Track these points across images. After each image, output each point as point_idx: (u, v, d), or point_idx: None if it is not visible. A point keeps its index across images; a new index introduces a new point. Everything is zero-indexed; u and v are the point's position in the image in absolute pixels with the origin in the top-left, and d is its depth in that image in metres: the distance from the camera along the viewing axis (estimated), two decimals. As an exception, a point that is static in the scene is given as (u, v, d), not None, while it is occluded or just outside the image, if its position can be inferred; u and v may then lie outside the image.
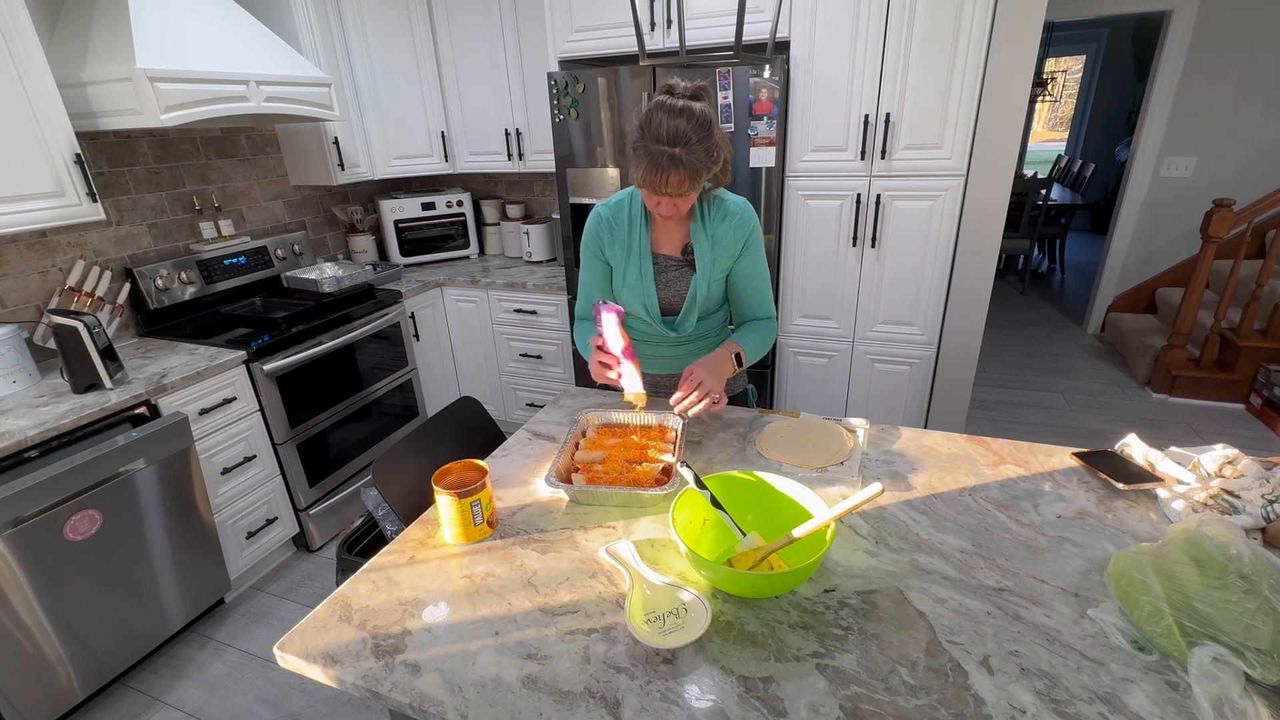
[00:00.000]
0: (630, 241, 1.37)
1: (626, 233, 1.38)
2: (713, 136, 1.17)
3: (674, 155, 1.14)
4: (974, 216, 2.27)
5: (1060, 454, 1.24)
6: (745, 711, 0.74)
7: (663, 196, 1.20)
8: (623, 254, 1.39)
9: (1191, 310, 3.25)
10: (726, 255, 1.37)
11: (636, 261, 1.37)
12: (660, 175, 1.15)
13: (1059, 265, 6.07)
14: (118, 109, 1.87)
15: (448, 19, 2.84)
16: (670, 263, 1.41)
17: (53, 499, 1.58)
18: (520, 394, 3.12)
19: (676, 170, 1.15)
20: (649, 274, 1.38)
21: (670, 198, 1.21)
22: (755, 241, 1.39)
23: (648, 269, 1.37)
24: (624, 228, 1.38)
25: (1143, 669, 0.77)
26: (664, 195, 1.20)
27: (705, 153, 1.17)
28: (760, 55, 1.11)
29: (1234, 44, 3.58)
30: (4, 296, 1.96)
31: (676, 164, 1.14)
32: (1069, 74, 10.05)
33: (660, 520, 1.09)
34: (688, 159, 1.14)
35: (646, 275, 1.38)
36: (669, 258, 1.41)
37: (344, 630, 0.89)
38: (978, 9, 1.93)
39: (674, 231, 1.40)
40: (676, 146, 1.13)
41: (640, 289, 1.38)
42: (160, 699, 1.82)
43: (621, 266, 1.39)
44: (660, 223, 1.38)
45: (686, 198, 1.22)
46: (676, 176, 1.15)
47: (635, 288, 1.38)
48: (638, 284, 1.38)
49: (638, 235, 1.37)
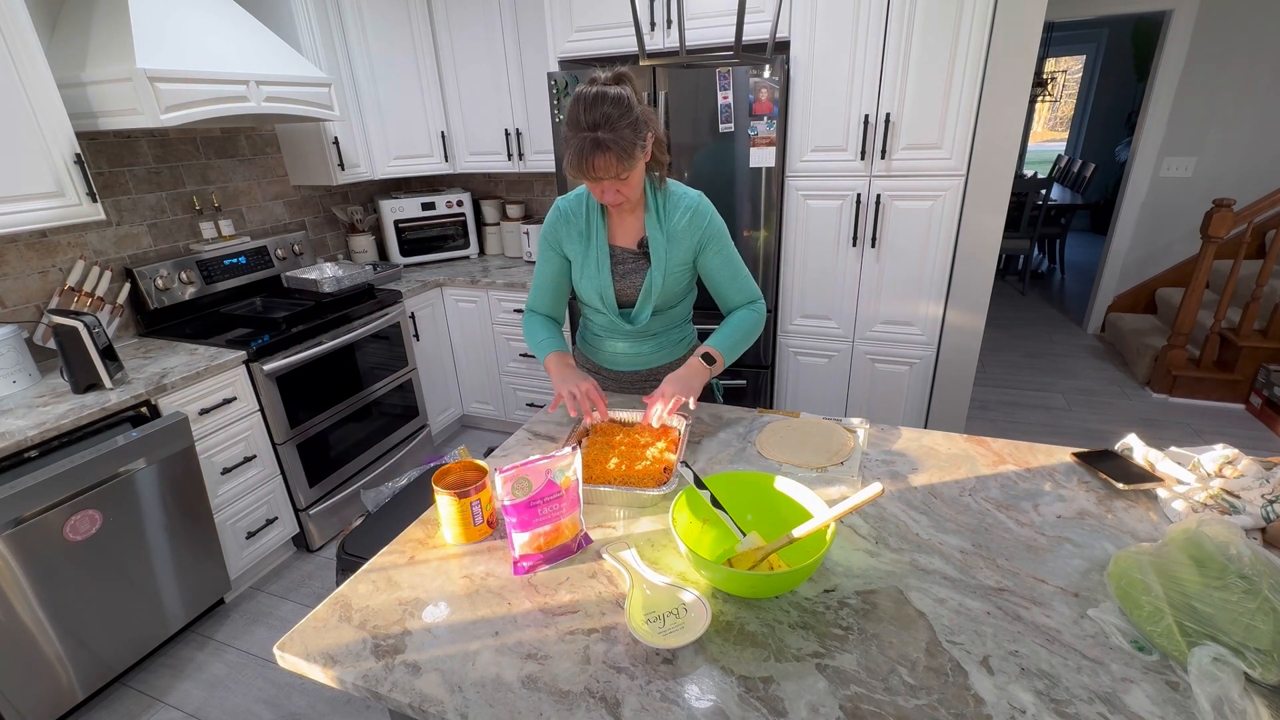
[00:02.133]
0: (588, 234, 1.40)
1: (585, 225, 1.40)
2: (634, 113, 1.18)
3: (597, 139, 1.15)
4: (974, 216, 2.27)
5: (1060, 454, 1.24)
6: (745, 711, 0.74)
7: (599, 182, 1.22)
8: (581, 246, 1.41)
9: (1191, 310, 3.25)
10: (683, 248, 1.38)
11: (594, 253, 1.40)
12: (587, 160, 1.16)
13: (1059, 265, 6.07)
14: (118, 109, 1.87)
15: (448, 19, 2.84)
16: (627, 255, 1.42)
17: (53, 499, 1.58)
18: (520, 394, 3.12)
19: (603, 153, 1.16)
20: (606, 266, 1.40)
21: (609, 182, 1.22)
22: (716, 232, 1.39)
23: (605, 261, 1.39)
24: (582, 220, 1.40)
25: (1143, 669, 0.77)
26: (598, 180, 1.21)
27: (630, 129, 1.17)
28: (760, 55, 1.11)
29: (1234, 44, 3.58)
30: (4, 296, 1.96)
31: (601, 147, 1.15)
32: (1069, 74, 10.05)
33: (660, 520, 1.09)
34: (612, 140, 1.15)
35: (604, 267, 1.40)
36: (625, 250, 1.42)
37: (344, 630, 0.89)
38: (978, 9, 1.93)
39: (630, 224, 1.41)
40: (599, 130, 1.15)
41: (598, 280, 1.40)
42: (160, 699, 1.82)
43: (580, 259, 1.41)
44: (617, 216, 1.40)
45: (626, 181, 1.23)
46: (603, 159, 1.16)
47: (593, 279, 1.40)
48: (595, 276, 1.40)
49: (595, 228, 1.39)
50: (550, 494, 0.97)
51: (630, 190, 1.27)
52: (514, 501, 0.94)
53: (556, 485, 0.97)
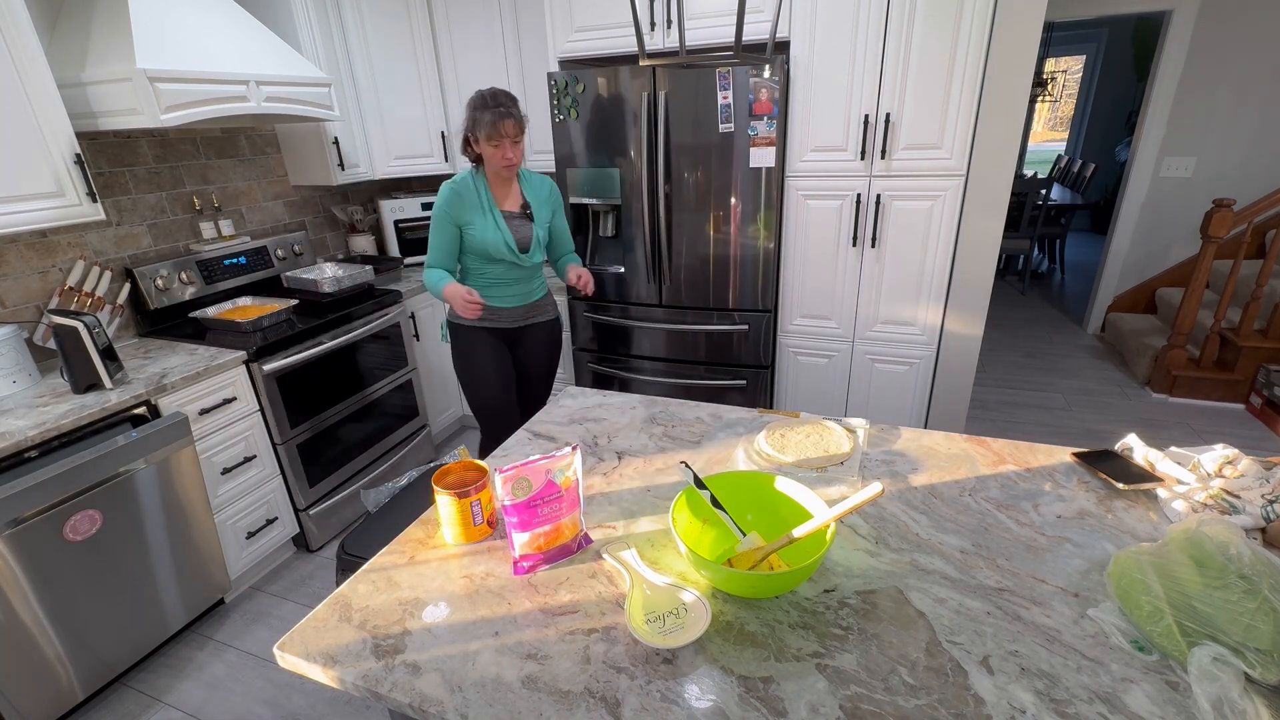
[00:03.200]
0: (480, 204, 1.88)
1: (476, 198, 1.88)
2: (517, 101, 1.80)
3: (504, 110, 1.75)
4: (974, 216, 2.27)
5: (1060, 454, 1.24)
6: (745, 711, 0.74)
7: (502, 143, 1.76)
8: (477, 214, 1.88)
9: (1191, 310, 3.25)
10: (546, 210, 2.00)
11: (490, 216, 1.89)
12: (502, 123, 1.74)
13: (1059, 265, 6.07)
14: (118, 109, 1.87)
15: (448, 19, 2.84)
16: (513, 215, 1.95)
17: (53, 499, 1.58)
18: (520, 394, 3.12)
19: (511, 119, 1.75)
20: (503, 223, 1.90)
21: (508, 142, 1.77)
22: (561, 202, 2.07)
23: (500, 219, 1.90)
24: (473, 195, 1.88)
25: (1143, 669, 0.77)
26: (504, 139, 1.76)
27: (518, 109, 1.79)
28: (760, 55, 1.11)
29: (1234, 44, 3.58)
30: (4, 296, 1.96)
31: (508, 115, 1.75)
32: (1069, 74, 10.05)
33: (660, 520, 1.09)
34: (514, 111, 1.77)
35: (501, 224, 1.90)
36: (511, 212, 1.94)
37: (344, 630, 0.89)
38: (978, 9, 1.93)
39: (509, 193, 1.95)
40: (501, 106, 1.75)
41: (500, 234, 1.89)
42: (160, 699, 1.82)
43: (479, 224, 1.88)
44: (498, 189, 1.92)
45: (518, 146, 1.80)
46: (511, 123, 1.75)
47: (495, 234, 1.89)
48: (496, 231, 1.89)
49: (484, 198, 1.89)
50: (550, 494, 0.97)
51: (519, 155, 1.83)
52: (514, 501, 0.94)
53: (556, 485, 0.97)
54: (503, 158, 1.79)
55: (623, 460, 1.31)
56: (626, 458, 1.31)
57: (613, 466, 1.28)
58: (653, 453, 1.33)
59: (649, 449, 1.34)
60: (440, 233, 1.90)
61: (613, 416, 1.49)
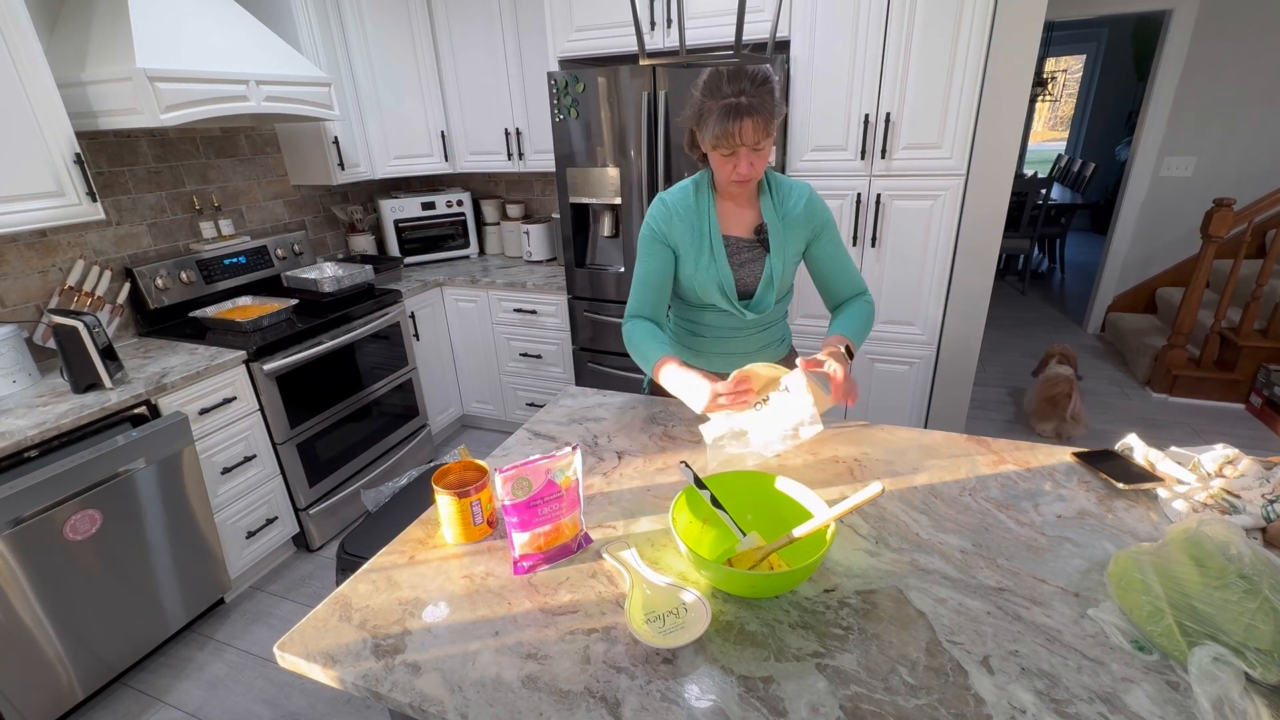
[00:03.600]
0: (699, 225, 1.34)
1: (695, 216, 1.34)
2: (773, 83, 1.17)
3: (740, 104, 1.14)
4: (974, 216, 2.27)
5: (1060, 454, 1.24)
6: (745, 711, 0.74)
7: (735, 152, 1.19)
8: (692, 238, 1.34)
9: (1191, 310, 3.25)
10: (798, 236, 1.36)
11: (708, 244, 1.34)
12: (735, 123, 1.15)
13: (1059, 265, 6.07)
14: (118, 109, 1.87)
15: (448, 18, 2.84)
16: (742, 244, 1.37)
17: (53, 499, 1.58)
18: (520, 394, 3.12)
19: (750, 116, 1.14)
20: (722, 255, 1.34)
21: (744, 151, 1.19)
22: (829, 222, 1.39)
23: (720, 250, 1.34)
24: (691, 212, 1.34)
25: (1143, 669, 0.77)
26: (741, 146, 1.18)
27: (770, 95, 1.16)
28: (760, 55, 1.10)
29: (1234, 44, 3.58)
30: (4, 296, 1.96)
31: (747, 111, 1.14)
32: (1069, 74, 10.04)
33: (660, 520, 1.09)
34: (757, 104, 1.14)
35: (720, 256, 1.34)
36: (740, 239, 1.37)
37: (344, 630, 0.89)
38: (978, 9, 1.93)
39: (743, 214, 1.37)
40: (742, 96, 1.14)
41: (715, 271, 1.34)
42: (160, 699, 1.82)
43: (692, 252, 1.35)
44: (728, 205, 1.36)
45: (760, 153, 1.21)
46: (750, 123, 1.15)
47: (708, 270, 1.34)
48: (711, 266, 1.34)
49: (707, 218, 1.33)
50: (550, 494, 0.97)
51: (762, 165, 1.24)
52: (514, 501, 0.94)
53: (556, 485, 0.97)
54: (734, 171, 1.23)
55: (623, 460, 1.30)
56: (626, 458, 1.31)
57: (613, 466, 1.28)
58: (653, 453, 1.33)
59: (649, 449, 1.34)
60: (649, 259, 1.37)
61: (613, 416, 1.49)
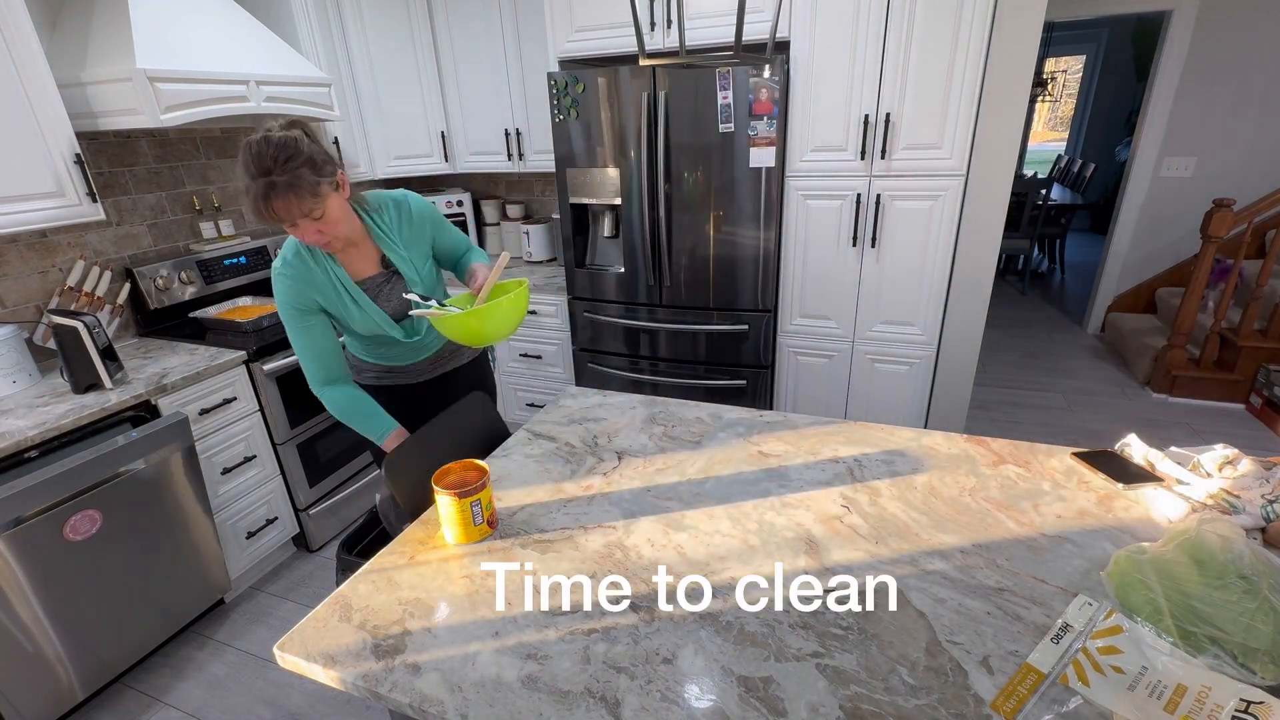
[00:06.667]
0: (330, 284, 1.34)
1: (322, 278, 1.33)
2: (302, 151, 1.15)
3: (272, 183, 1.12)
4: (974, 216, 2.27)
5: (1060, 454, 1.24)
6: (745, 711, 0.74)
7: (292, 225, 1.19)
8: (331, 297, 1.35)
9: (1191, 310, 3.25)
10: (420, 244, 1.45)
11: (347, 297, 1.35)
12: (269, 206, 1.14)
13: (1059, 265, 6.07)
14: (118, 109, 1.87)
15: (448, 19, 2.84)
16: (378, 280, 1.42)
17: (53, 499, 1.58)
18: (520, 394, 3.12)
19: (282, 197, 1.13)
20: (365, 299, 1.37)
21: (305, 222, 1.19)
22: (430, 215, 1.47)
23: (360, 296, 1.36)
24: (316, 276, 1.33)
25: (1143, 669, 0.77)
26: (290, 222, 1.18)
27: (306, 166, 1.15)
28: (760, 55, 1.11)
29: (1234, 44, 3.58)
30: (4, 296, 1.96)
31: (279, 191, 1.13)
32: (1069, 74, 10.04)
33: (661, 519, 1.09)
34: (287, 182, 1.13)
35: (364, 301, 1.37)
36: (371, 277, 1.41)
37: (344, 630, 0.89)
38: (978, 9, 1.93)
39: (363, 252, 1.39)
40: (271, 175, 1.12)
41: (367, 316, 1.38)
42: (160, 699, 1.82)
43: (339, 307, 1.36)
44: (344, 255, 1.36)
45: (323, 220, 1.20)
46: (282, 202, 1.14)
47: (361, 319, 1.38)
48: (361, 314, 1.37)
49: (331, 275, 1.34)
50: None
51: (334, 229, 1.24)
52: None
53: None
54: (303, 237, 1.24)
55: (623, 460, 1.31)
56: (626, 458, 1.31)
57: (613, 466, 1.28)
58: (653, 453, 1.33)
59: (649, 449, 1.34)
60: (304, 334, 1.35)
61: (613, 416, 1.49)
